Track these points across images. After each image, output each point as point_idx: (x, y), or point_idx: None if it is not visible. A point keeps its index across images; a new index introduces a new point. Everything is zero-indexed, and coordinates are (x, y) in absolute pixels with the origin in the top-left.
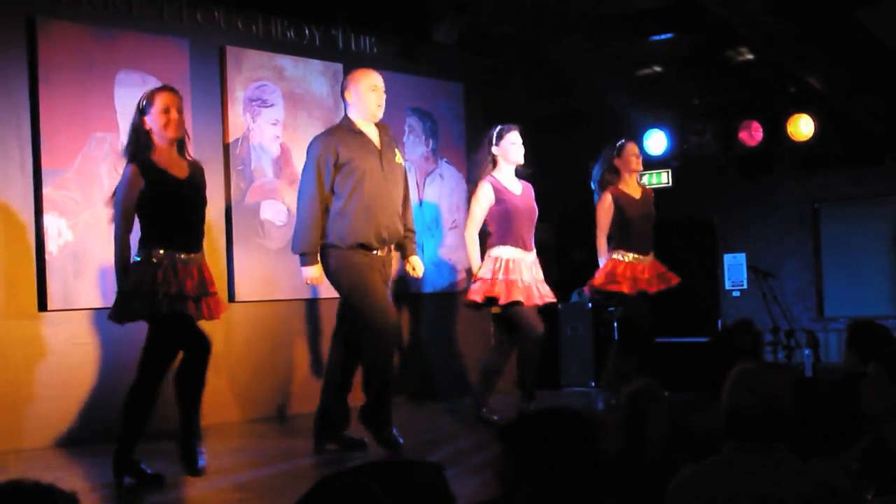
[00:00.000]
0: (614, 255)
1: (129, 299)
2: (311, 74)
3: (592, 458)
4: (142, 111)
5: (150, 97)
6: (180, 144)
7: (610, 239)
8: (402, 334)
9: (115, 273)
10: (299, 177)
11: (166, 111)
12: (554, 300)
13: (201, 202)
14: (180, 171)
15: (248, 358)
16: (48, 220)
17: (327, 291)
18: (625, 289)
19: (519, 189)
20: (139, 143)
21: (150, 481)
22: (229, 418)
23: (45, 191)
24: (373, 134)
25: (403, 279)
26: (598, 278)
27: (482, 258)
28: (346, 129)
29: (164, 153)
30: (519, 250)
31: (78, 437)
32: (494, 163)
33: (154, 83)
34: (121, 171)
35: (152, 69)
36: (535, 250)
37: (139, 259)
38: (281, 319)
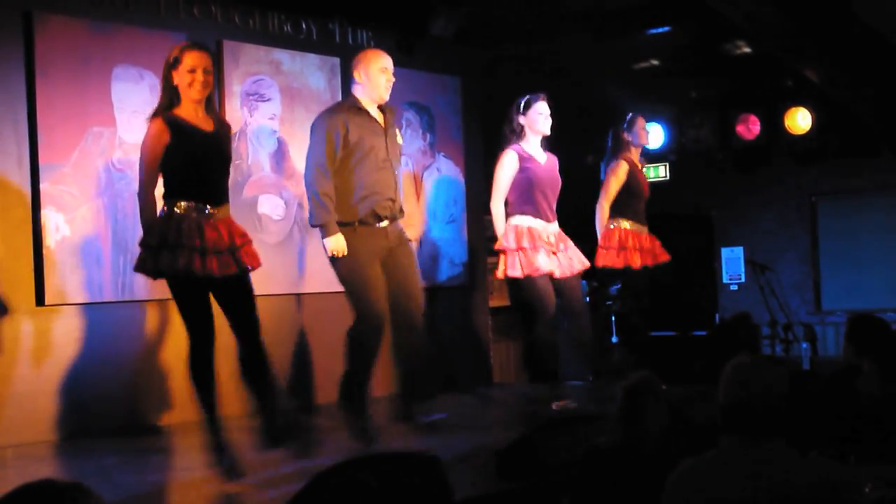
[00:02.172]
0: (613, 224)
1: (156, 253)
2: (309, 69)
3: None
4: (170, 66)
5: (179, 55)
6: (208, 102)
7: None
8: (419, 324)
9: (142, 228)
10: (297, 171)
11: (192, 71)
12: (587, 265)
13: (227, 157)
14: (206, 125)
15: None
16: (46, 214)
17: (324, 286)
18: (632, 262)
19: (544, 159)
20: (166, 98)
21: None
22: (228, 412)
23: (43, 185)
24: (377, 114)
25: None
26: (605, 256)
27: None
28: (352, 106)
29: (189, 108)
30: (539, 220)
31: (75, 432)
32: (521, 132)
33: (151, 78)
34: (118, 164)
35: (149, 64)
36: (556, 222)
37: (163, 213)
38: (279, 314)
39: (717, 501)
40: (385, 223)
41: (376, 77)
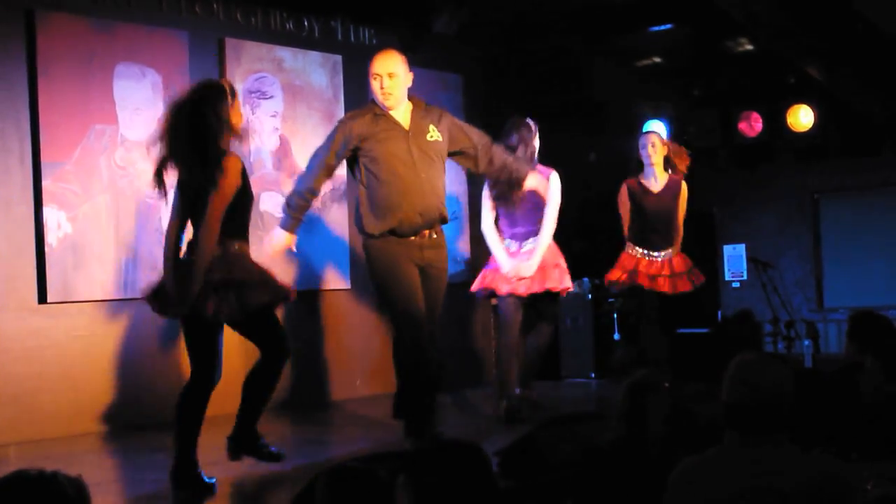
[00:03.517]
0: (627, 250)
1: (213, 292)
2: (311, 66)
3: (489, 493)
4: (225, 102)
5: (232, 91)
6: None
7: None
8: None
9: (202, 268)
10: (299, 169)
11: (240, 109)
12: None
13: None
14: None
15: (248, 350)
16: (48, 212)
17: (325, 283)
18: (630, 281)
19: None
20: (227, 134)
21: (205, 490)
22: (232, 409)
23: (45, 183)
24: (401, 114)
25: None
26: (612, 272)
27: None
28: (369, 112)
29: (228, 147)
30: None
31: (77, 430)
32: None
33: (153, 75)
34: (120, 162)
35: (151, 61)
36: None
37: (218, 253)
38: (279, 311)
39: (720, 499)
40: (417, 237)
41: (372, 83)
